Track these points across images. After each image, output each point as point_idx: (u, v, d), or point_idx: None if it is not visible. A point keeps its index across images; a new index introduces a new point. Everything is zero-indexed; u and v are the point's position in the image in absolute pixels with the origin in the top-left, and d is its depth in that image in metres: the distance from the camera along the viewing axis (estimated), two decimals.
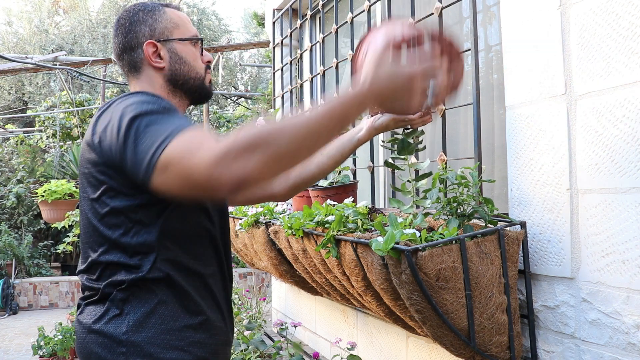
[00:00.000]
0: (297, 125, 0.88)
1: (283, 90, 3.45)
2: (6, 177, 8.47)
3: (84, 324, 1.11)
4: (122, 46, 1.22)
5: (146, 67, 1.21)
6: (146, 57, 1.20)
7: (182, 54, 1.22)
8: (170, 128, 0.93)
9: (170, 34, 1.22)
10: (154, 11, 1.22)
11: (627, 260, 1.27)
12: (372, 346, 2.35)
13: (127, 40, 1.21)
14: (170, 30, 1.22)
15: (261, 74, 14.41)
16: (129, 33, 1.20)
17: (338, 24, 2.65)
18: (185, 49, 1.23)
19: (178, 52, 1.22)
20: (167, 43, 1.21)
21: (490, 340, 1.41)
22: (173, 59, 1.21)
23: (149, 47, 1.19)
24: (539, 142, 1.49)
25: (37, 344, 4.25)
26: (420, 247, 1.30)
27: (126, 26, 1.21)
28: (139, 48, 1.20)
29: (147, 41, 1.19)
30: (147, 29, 1.20)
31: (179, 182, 0.90)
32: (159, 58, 1.20)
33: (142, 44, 1.20)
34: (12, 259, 7.45)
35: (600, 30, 1.33)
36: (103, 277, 1.10)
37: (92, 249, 1.11)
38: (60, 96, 8.97)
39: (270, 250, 2.26)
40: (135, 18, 1.21)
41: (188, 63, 1.22)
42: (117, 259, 1.08)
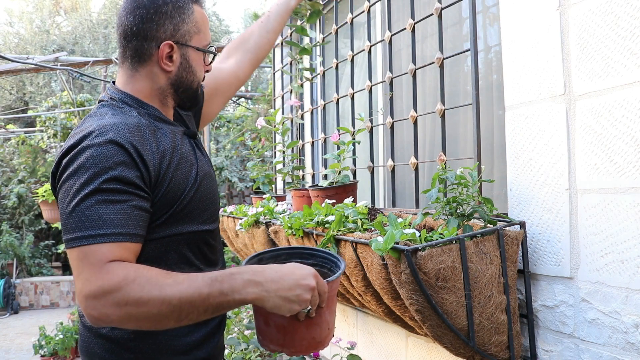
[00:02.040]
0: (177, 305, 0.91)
1: (283, 91, 3.46)
2: (7, 177, 8.49)
3: (90, 327, 1.09)
4: (136, 30, 1.09)
5: (153, 63, 1.12)
6: (159, 55, 1.11)
7: (192, 63, 1.15)
8: (95, 224, 0.92)
9: (190, 39, 1.14)
10: (184, 9, 1.12)
11: (626, 260, 1.27)
12: (372, 346, 2.35)
13: (145, 27, 1.09)
14: (191, 35, 1.14)
15: (261, 74, 14.41)
16: (150, 21, 1.09)
17: (338, 25, 2.66)
18: (197, 58, 1.17)
19: (190, 60, 1.15)
20: (183, 47, 1.13)
21: (490, 340, 1.41)
22: (183, 65, 1.14)
23: (165, 47, 1.10)
24: (538, 142, 1.50)
25: (38, 343, 4.26)
26: (419, 247, 1.30)
27: (149, 12, 1.09)
28: (154, 42, 1.10)
29: (166, 41, 1.10)
30: (170, 27, 1.10)
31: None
32: (170, 61, 1.12)
33: (160, 41, 1.10)
34: (14, 259, 7.47)
35: (599, 30, 1.33)
36: None
37: None
38: (61, 96, 8.98)
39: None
40: (164, 9, 1.10)
41: (195, 73, 1.17)
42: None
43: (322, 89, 2.86)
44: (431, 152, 2.37)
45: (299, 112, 3.31)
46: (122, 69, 1.15)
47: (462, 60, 2.16)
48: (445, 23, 2.05)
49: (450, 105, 1.94)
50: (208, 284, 0.91)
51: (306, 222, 1.83)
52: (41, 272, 7.86)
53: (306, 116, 3.29)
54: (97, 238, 0.91)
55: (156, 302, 0.88)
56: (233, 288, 0.92)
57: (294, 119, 3.24)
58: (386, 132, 2.55)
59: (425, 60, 2.02)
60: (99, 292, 0.88)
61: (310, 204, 2.21)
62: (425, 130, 2.40)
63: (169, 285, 0.89)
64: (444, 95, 1.90)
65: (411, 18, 2.05)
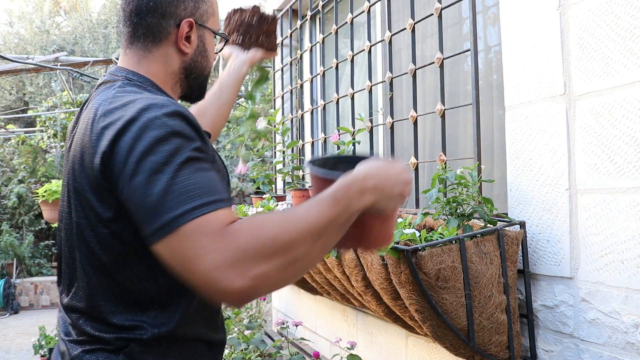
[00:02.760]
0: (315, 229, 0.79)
1: (283, 91, 3.46)
2: (7, 177, 8.49)
3: None
4: (153, 5, 0.98)
5: (169, 44, 1.01)
6: (179, 34, 1.00)
7: (207, 47, 1.07)
8: (203, 192, 0.78)
9: (207, 20, 1.06)
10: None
11: (626, 260, 1.27)
12: (372, 345, 2.35)
13: (164, 3, 0.99)
14: (208, 16, 1.06)
15: None
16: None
17: (338, 25, 2.66)
18: (211, 42, 1.09)
19: (206, 43, 1.06)
20: (200, 28, 1.04)
21: (490, 340, 1.41)
22: (200, 48, 1.05)
23: (186, 25, 1.00)
24: (538, 142, 1.50)
25: (38, 343, 4.26)
26: (419, 247, 1.30)
27: None
28: (173, 20, 0.99)
29: (187, 18, 1.00)
30: (191, 4, 1.02)
31: (180, 269, 0.76)
32: (188, 41, 1.02)
33: (181, 18, 1.00)
34: (14, 259, 7.47)
35: (599, 30, 1.33)
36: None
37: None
38: (61, 96, 8.98)
39: None
40: None
41: (208, 58, 1.09)
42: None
43: (322, 89, 2.86)
44: (431, 152, 2.37)
45: (298, 113, 3.32)
46: (130, 51, 1.02)
47: (462, 60, 2.16)
48: (445, 23, 2.05)
49: (450, 105, 1.94)
50: (332, 205, 0.81)
51: None
52: (41, 272, 7.86)
53: (306, 116, 3.29)
54: (212, 205, 0.77)
55: (298, 236, 0.77)
56: (351, 201, 0.84)
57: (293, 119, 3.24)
58: (386, 132, 2.55)
59: (425, 60, 2.02)
60: (237, 254, 0.73)
61: None
62: (425, 130, 2.40)
63: (300, 216, 0.80)
64: (444, 95, 1.90)
65: (411, 18, 2.05)
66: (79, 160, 0.89)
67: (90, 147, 0.86)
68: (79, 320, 0.92)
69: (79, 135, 0.91)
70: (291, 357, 2.36)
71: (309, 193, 2.33)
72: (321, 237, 0.80)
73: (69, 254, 0.95)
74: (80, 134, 0.91)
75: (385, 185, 0.88)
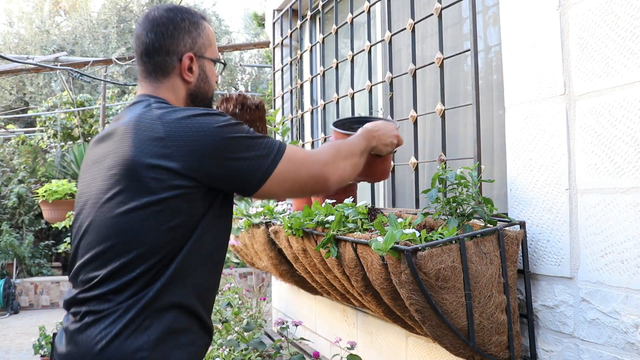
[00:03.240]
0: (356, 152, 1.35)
1: (283, 91, 3.46)
2: (7, 177, 8.49)
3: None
4: (157, 46, 1.20)
5: (175, 75, 1.22)
6: (182, 67, 1.21)
7: (208, 73, 1.26)
8: (271, 145, 1.14)
9: (205, 51, 1.25)
10: (199, 24, 1.24)
11: (626, 260, 1.27)
12: (372, 346, 2.35)
13: (166, 43, 1.20)
14: (205, 48, 1.25)
15: (261, 75, 14.41)
16: (170, 37, 1.20)
17: (338, 25, 2.66)
18: (211, 69, 1.27)
19: (206, 70, 1.26)
20: (200, 59, 1.24)
21: (490, 340, 1.41)
22: (201, 76, 1.25)
23: (187, 59, 1.21)
24: (538, 142, 1.50)
25: (38, 343, 4.26)
26: (420, 247, 1.30)
27: (169, 28, 1.20)
28: (176, 56, 1.21)
29: (187, 53, 1.21)
30: (190, 41, 1.22)
31: (291, 186, 1.16)
32: (190, 72, 1.23)
33: (182, 54, 1.21)
34: (14, 259, 7.47)
35: (599, 30, 1.33)
36: (127, 289, 1.07)
37: (119, 255, 1.07)
38: (61, 96, 8.99)
39: (270, 250, 2.27)
40: (182, 25, 1.21)
41: (210, 83, 1.28)
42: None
43: (322, 89, 2.86)
44: (431, 152, 2.37)
45: (298, 113, 3.32)
46: (145, 82, 1.24)
47: (462, 60, 2.16)
48: (445, 23, 2.05)
49: (451, 105, 1.94)
50: (361, 140, 1.38)
51: (306, 222, 1.83)
52: (41, 272, 7.86)
53: (306, 116, 3.29)
54: (281, 145, 1.16)
55: (352, 152, 1.31)
56: (369, 142, 1.41)
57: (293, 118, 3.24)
58: None
59: (426, 60, 2.02)
60: (329, 159, 1.23)
61: (310, 203, 2.21)
62: (425, 130, 2.40)
63: (350, 144, 1.34)
64: (444, 95, 1.90)
65: (411, 18, 2.05)
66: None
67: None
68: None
69: (135, 137, 1.10)
70: (291, 357, 2.36)
71: None
72: (361, 155, 1.35)
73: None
74: (134, 136, 1.10)
75: (383, 135, 1.46)
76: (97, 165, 1.16)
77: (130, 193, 1.07)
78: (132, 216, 1.07)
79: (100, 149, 1.17)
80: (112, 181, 1.09)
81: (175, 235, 1.08)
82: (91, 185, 1.15)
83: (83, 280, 1.11)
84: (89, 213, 1.14)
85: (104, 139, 1.18)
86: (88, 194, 1.16)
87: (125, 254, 1.07)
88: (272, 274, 2.69)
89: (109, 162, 1.11)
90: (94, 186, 1.14)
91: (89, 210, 1.14)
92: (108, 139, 1.16)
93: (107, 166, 1.12)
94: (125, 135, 1.11)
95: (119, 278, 1.06)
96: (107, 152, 1.14)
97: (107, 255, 1.08)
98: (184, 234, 1.09)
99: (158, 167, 1.06)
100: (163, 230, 1.07)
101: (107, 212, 1.09)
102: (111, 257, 1.07)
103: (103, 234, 1.09)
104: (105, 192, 1.10)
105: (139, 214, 1.06)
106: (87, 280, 1.10)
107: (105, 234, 1.09)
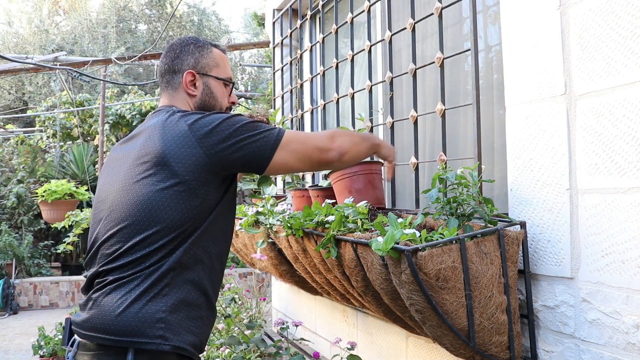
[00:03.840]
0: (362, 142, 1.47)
1: (283, 91, 3.45)
2: (6, 177, 8.48)
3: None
4: (167, 67, 1.43)
5: (181, 90, 1.42)
6: (183, 82, 1.41)
7: (213, 90, 1.45)
8: (272, 127, 1.32)
9: (210, 70, 1.44)
10: (203, 48, 1.45)
11: (627, 260, 1.27)
12: (372, 346, 2.35)
13: (174, 64, 1.43)
14: (210, 67, 1.44)
15: (261, 74, 14.41)
16: (176, 59, 1.42)
17: (338, 24, 2.65)
18: (217, 86, 1.46)
19: (211, 87, 1.44)
20: (204, 77, 1.44)
21: (490, 340, 1.41)
22: (205, 91, 1.44)
23: (188, 75, 1.41)
24: (538, 142, 1.50)
25: (38, 343, 4.25)
26: (420, 247, 1.30)
27: (176, 52, 1.43)
28: (180, 73, 1.42)
29: (188, 70, 1.42)
30: (192, 60, 1.43)
31: (300, 156, 1.32)
32: (194, 87, 1.42)
33: (184, 71, 1.42)
34: (13, 259, 7.45)
35: (600, 30, 1.33)
36: (148, 258, 1.22)
37: (141, 230, 1.23)
38: (60, 96, 8.98)
39: (270, 250, 2.26)
40: (186, 49, 1.43)
41: (216, 98, 1.45)
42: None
43: (322, 89, 2.86)
44: (431, 152, 2.37)
45: (298, 112, 3.31)
46: (163, 98, 1.45)
47: (463, 60, 2.16)
48: (445, 22, 2.05)
49: (451, 105, 1.94)
50: (369, 137, 1.52)
51: (306, 222, 1.83)
52: (40, 272, 7.84)
53: (306, 116, 3.29)
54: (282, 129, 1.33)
55: (350, 134, 1.44)
56: (372, 137, 1.54)
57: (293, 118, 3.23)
58: (386, 132, 2.54)
59: (426, 60, 2.02)
60: (327, 134, 1.39)
61: (310, 204, 2.20)
62: (426, 130, 2.40)
63: (360, 135, 1.49)
64: (444, 95, 1.90)
65: (411, 17, 2.05)
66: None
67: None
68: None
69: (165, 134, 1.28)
70: (291, 357, 2.35)
71: (308, 193, 2.33)
72: (362, 140, 1.46)
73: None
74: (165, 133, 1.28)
75: (384, 141, 1.57)
76: (124, 160, 1.32)
77: (158, 177, 1.24)
78: (156, 195, 1.23)
79: (127, 148, 1.35)
80: (142, 168, 1.26)
81: (194, 213, 1.24)
82: (117, 176, 1.31)
83: (105, 254, 1.26)
84: (113, 200, 1.29)
85: (130, 140, 1.36)
86: (112, 184, 1.32)
87: (146, 229, 1.22)
88: (272, 274, 2.69)
89: (138, 154, 1.28)
90: (120, 176, 1.30)
91: (114, 197, 1.29)
92: (134, 139, 1.34)
93: (135, 157, 1.29)
94: (153, 133, 1.29)
95: (140, 250, 1.22)
96: (135, 148, 1.31)
97: (129, 230, 1.23)
98: (201, 214, 1.26)
99: (183, 155, 1.23)
100: (183, 209, 1.23)
101: (132, 193, 1.25)
102: (133, 232, 1.23)
103: (126, 212, 1.25)
104: (133, 177, 1.26)
105: (164, 193, 1.23)
106: (110, 253, 1.25)
107: (129, 212, 1.24)
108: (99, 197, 1.37)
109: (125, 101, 8.67)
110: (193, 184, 1.24)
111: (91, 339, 1.21)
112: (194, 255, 1.26)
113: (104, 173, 1.39)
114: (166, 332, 1.20)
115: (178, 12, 13.76)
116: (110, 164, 1.38)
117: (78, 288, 7.27)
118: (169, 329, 1.20)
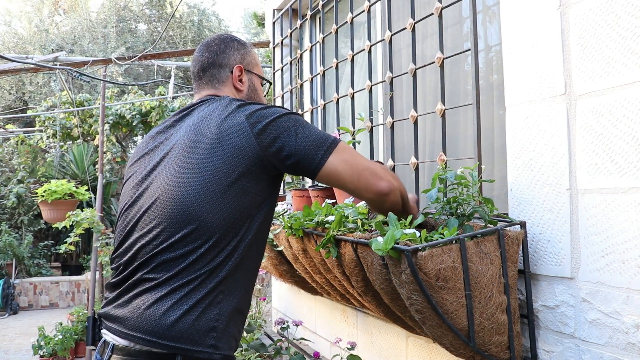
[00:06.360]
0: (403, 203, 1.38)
1: (283, 91, 3.45)
2: (6, 177, 8.48)
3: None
4: (212, 61, 1.42)
5: (229, 84, 1.43)
6: (233, 76, 1.43)
7: (256, 87, 1.49)
8: (330, 135, 1.29)
9: (253, 67, 1.48)
10: (246, 46, 1.49)
11: (627, 260, 1.27)
12: (372, 346, 2.35)
13: (219, 58, 1.42)
14: (252, 65, 1.48)
15: None
16: (222, 53, 1.43)
17: (338, 24, 2.65)
18: (258, 85, 1.50)
19: (255, 84, 1.48)
20: (248, 73, 1.46)
21: (490, 340, 1.41)
22: (250, 87, 1.47)
23: (237, 70, 1.43)
24: (538, 142, 1.50)
25: (38, 343, 4.25)
26: (420, 247, 1.30)
27: (221, 47, 1.44)
28: (228, 67, 1.43)
29: (237, 65, 1.43)
30: (238, 56, 1.45)
31: (350, 168, 1.25)
32: (241, 82, 1.44)
33: (232, 66, 1.43)
34: (13, 259, 7.46)
35: (600, 30, 1.33)
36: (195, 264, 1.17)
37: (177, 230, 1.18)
38: (60, 96, 8.97)
39: (270, 250, 2.26)
40: (231, 45, 1.45)
41: (259, 96, 1.50)
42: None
43: (322, 89, 2.86)
44: (431, 152, 2.37)
45: (299, 112, 3.31)
46: (204, 90, 1.42)
47: (463, 60, 2.16)
48: (445, 22, 2.05)
49: (451, 105, 1.94)
50: (411, 198, 1.47)
51: (306, 222, 1.83)
52: (40, 272, 7.85)
53: (306, 116, 3.29)
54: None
55: (403, 190, 1.36)
56: (414, 204, 1.47)
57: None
58: (386, 132, 2.55)
59: (426, 60, 2.02)
60: (384, 167, 1.35)
61: (310, 204, 2.20)
62: (426, 130, 2.40)
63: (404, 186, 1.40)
64: (444, 95, 1.90)
65: (411, 17, 2.05)
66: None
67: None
68: None
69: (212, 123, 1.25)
70: (291, 357, 2.35)
71: (308, 193, 2.33)
72: (405, 199, 1.38)
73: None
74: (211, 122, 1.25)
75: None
76: (157, 150, 1.30)
77: (221, 170, 1.19)
78: (220, 195, 1.18)
79: (162, 138, 1.33)
80: (198, 157, 1.21)
81: (248, 213, 1.21)
82: (165, 166, 1.25)
83: (154, 251, 1.18)
84: (162, 190, 1.22)
85: (165, 131, 1.34)
86: (156, 174, 1.26)
87: (207, 231, 1.17)
88: (272, 274, 2.69)
89: (190, 143, 1.23)
90: (169, 167, 1.24)
91: (162, 188, 1.22)
92: (170, 129, 1.33)
93: (187, 146, 1.23)
94: (208, 119, 1.25)
95: (199, 254, 1.17)
96: (182, 137, 1.26)
97: (189, 230, 1.17)
98: (253, 214, 1.22)
99: (239, 148, 1.20)
100: (243, 204, 1.20)
101: (193, 189, 1.19)
102: (196, 233, 1.17)
103: (183, 210, 1.18)
104: (193, 170, 1.20)
105: (229, 192, 1.18)
106: (161, 251, 1.18)
107: (187, 211, 1.18)
108: (134, 187, 1.30)
109: (125, 101, 8.67)
110: (247, 179, 1.20)
111: (134, 340, 1.15)
112: (246, 260, 1.23)
113: (139, 164, 1.33)
114: (218, 342, 1.18)
115: (178, 12, 13.76)
116: (144, 152, 1.34)
117: (78, 288, 7.27)
118: (220, 338, 1.18)
